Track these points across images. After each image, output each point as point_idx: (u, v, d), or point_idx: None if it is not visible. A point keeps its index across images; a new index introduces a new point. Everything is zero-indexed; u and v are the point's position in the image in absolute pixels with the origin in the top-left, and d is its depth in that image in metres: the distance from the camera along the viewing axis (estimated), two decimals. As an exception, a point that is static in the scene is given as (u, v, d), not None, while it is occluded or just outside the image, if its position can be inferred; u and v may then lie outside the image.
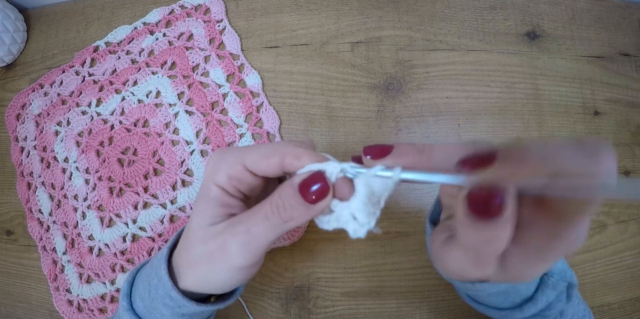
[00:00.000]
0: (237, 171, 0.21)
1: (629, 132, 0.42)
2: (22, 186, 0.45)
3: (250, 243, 0.21)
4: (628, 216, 0.41)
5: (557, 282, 0.24)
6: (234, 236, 0.21)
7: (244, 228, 0.21)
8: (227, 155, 0.22)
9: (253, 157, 0.21)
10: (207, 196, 0.22)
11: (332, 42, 0.43)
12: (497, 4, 0.44)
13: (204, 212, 0.22)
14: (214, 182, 0.22)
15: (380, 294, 0.39)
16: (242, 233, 0.21)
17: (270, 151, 0.21)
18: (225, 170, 0.21)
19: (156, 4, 0.47)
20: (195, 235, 0.22)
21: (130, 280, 0.26)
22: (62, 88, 0.46)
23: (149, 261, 0.27)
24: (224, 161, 0.22)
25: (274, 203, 0.20)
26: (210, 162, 0.22)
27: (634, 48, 0.44)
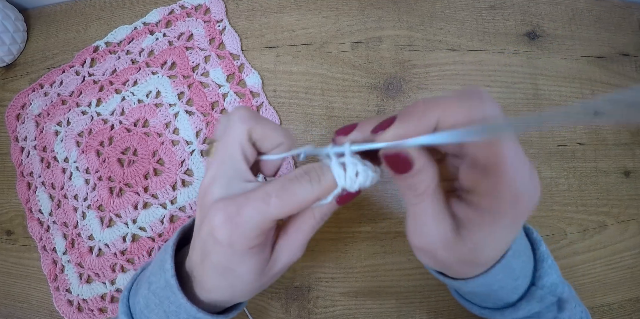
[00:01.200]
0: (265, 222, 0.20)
1: (629, 132, 0.42)
2: (22, 186, 0.45)
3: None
4: (628, 216, 0.41)
5: (545, 296, 0.24)
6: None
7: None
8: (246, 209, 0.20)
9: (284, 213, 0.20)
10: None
11: (332, 42, 0.43)
12: (497, 4, 0.44)
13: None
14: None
15: (380, 294, 0.39)
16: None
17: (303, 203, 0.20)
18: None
19: (156, 4, 0.47)
20: None
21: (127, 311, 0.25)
22: (62, 88, 0.46)
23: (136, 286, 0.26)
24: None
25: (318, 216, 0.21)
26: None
27: (634, 48, 0.44)
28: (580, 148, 0.42)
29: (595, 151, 0.42)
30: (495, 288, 0.23)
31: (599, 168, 0.41)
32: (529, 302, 0.24)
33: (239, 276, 0.21)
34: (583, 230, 0.40)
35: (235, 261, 0.21)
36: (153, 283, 0.23)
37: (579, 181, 0.41)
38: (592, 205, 0.41)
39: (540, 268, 0.24)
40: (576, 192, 0.41)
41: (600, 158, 0.42)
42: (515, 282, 0.23)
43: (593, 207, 0.41)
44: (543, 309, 0.24)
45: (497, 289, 0.23)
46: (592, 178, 0.41)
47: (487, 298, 0.24)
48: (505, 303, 0.24)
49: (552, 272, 0.24)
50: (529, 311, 0.24)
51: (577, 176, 0.41)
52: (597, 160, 0.42)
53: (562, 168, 0.41)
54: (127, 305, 0.25)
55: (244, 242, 0.20)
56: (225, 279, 0.22)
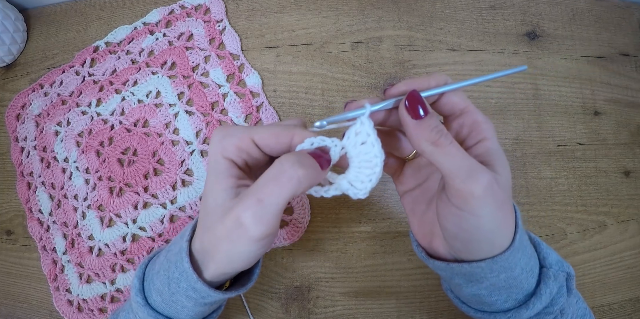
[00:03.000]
0: (246, 144, 0.22)
1: (629, 132, 0.42)
2: (22, 186, 0.45)
3: (263, 213, 0.21)
4: (628, 216, 0.41)
5: (557, 273, 0.25)
6: (246, 209, 0.21)
7: (254, 199, 0.21)
8: (234, 130, 0.23)
9: (262, 134, 0.22)
10: (217, 170, 0.23)
11: (332, 42, 0.43)
12: (497, 4, 0.44)
13: (216, 187, 0.23)
14: (223, 155, 0.22)
15: (380, 294, 0.39)
16: (253, 204, 0.21)
17: (281, 130, 0.23)
18: (234, 143, 0.22)
19: (156, 4, 0.47)
20: (213, 215, 0.23)
21: (141, 275, 0.26)
22: (62, 88, 0.46)
23: (158, 254, 0.27)
24: (231, 135, 0.23)
25: (287, 161, 0.21)
26: (215, 138, 0.23)
27: (634, 48, 0.44)
28: (580, 148, 0.42)
29: (595, 151, 0.42)
30: (517, 271, 0.23)
31: (599, 168, 0.41)
32: (547, 284, 0.24)
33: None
34: (583, 230, 0.40)
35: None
36: (171, 250, 0.25)
37: (579, 181, 0.41)
38: (592, 205, 0.41)
39: (541, 250, 0.26)
40: (576, 192, 0.41)
41: (600, 158, 0.42)
42: (530, 261, 0.24)
43: (593, 207, 0.41)
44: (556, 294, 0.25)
45: (518, 274, 0.23)
46: (592, 178, 0.41)
47: (509, 292, 0.24)
48: (526, 295, 0.25)
49: (551, 252, 0.26)
50: (549, 294, 0.24)
51: (577, 176, 0.41)
52: (597, 160, 0.42)
53: (562, 168, 0.41)
54: (143, 270, 0.27)
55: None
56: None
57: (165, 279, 0.24)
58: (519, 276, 0.24)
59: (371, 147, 0.22)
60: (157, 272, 0.25)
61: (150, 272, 0.26)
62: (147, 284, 0.26)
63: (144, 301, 0.25)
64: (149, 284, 0.26)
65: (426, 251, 0.27)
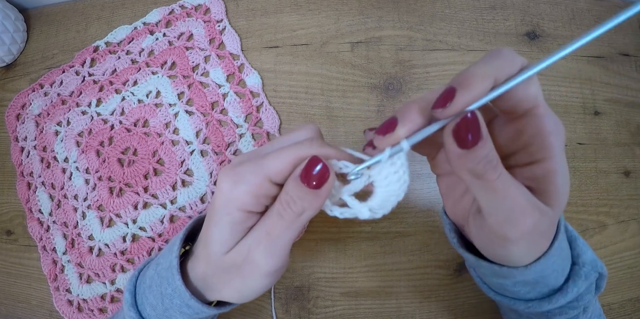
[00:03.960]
0: (262, 187, 0.20)
1: (629, 132, 0.42)
2: (22, 186, 0.45)
3: (273, 247, 0.21)
4: (628, 216, 0.41)
5: (589, 272, 0.24)
6: (257, 245, 0.20)
7: (264, 234, 0.20)
8: (244, 173, 0.20)
9: (277, 166, 0.19)
10: (226, 221, 0.21)
11: (332, 42, 0.43)
12: (497, 4, 0.44)
13: (223, 238, 0.21)
14: (236, 207, 0.20)
15: (380, 294, 0.39)
16: (263, 238, 0.20)
17: (297, 156, 0.20)
18: (248, 190, 0.20)
19: (156, 4, 0.47)
20: (218, 259, 0.22)
21: (132, 289, 0.26)
22: (62, 88, 0.46)
23: (147, 266, 0.27)
24: (242, 181, 0.20)
25: (282, 200, 0.20)
26: (225, 185, 0.20)
27: (634, 48, 0.44)
28: (580, 148, 0.42)
29: (595, 151, 0.42)
30: (549, 272, 0.22)
31: (599, 168, 0.41)
32: (576, 282, 0.23)
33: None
34: (583, 230, 0.40)
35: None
36: (160, 263, 0.24)
37: (579, 181, 0.41)
38: (592, 205, 0.41)
39: (576, 246, 0.24)
40: (576, 192, 0.41)
41: (600, 158, 0.42)
42: (564, 263, 0.23)
43: (593, 207, 0.41)
44: (583, 291, 0.24)
45: (549, 274, 0.22)
46: (592, 178, 0.41)
47: (535, 287, 0.23)
48: (551, 290, 0.24)
49: (587, 249, 0.24)
50: (576, 293, 0.23)
51: (577, 176, 0.41)
52: (597, 160, 0.42)
53: (562, 168, 0.41)
54: (134, 284, 0.26)
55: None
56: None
57: (159, 295, 0.24)
58: (549, 275, 0.23)
59: (402, 174, 0.20)
60: (149, 286, 0.24)
61: (141, 285, 0.26)
62: (139, 298, 0.25)
63: (137, 316, 0.25)
64: (141, 298, 0.25)
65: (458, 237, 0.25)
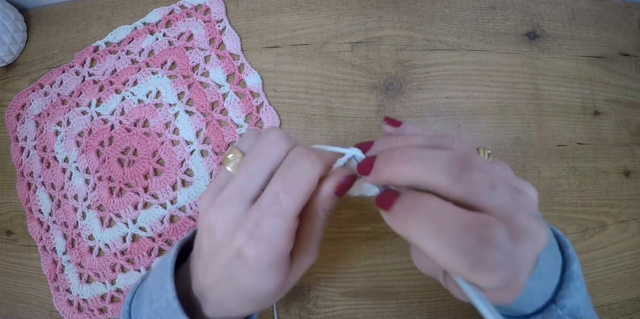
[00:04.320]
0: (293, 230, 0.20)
1: (629, 132, 0.42)
2: (22, 186, 0.45)
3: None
4: (628, 216, 0.41)
5: (563, 317, 0.22)
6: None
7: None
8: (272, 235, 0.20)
9: (297, 210, 0.20)
10: None
11: (332, 42, 0.43)
12: (497, 4, 0.44)
13: None
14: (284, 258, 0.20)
15: (380, 294, 0.38)
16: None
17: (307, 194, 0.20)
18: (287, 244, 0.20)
19: (156, 4, 0.47)
20: None
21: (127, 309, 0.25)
22: (62, 88, 0.46)
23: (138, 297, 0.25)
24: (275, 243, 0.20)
25: (320, 213, 0.21)
26: None
27: (634, 48, 0.44)
28: (580, 148, 0.42)
29: (595, 151, 0.42)
30: (514, 307, 0.22)
31: (599, 168, 0.41)
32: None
33: (266, 291, 0.21)
34: (583, 230, 0.40)
35: (263, 279, 0.20)
36: (155, 301, 0.23)
37: (579, 181, 0.41)
38: (592, 205, 0.41)
39: (566, 287, 0.23)
40: (576, 192, 0.41)
41: (600, 158, 0.42)
42: (531, 299, 0.22)
43: (593, 207, 0.41)
44: None
45: (511, 304, 0.22)
46: (592, 178, 0.41)
47: (499, 307, 0.23)
48: (518, 313, 0.23)
49: (578, 294, 0.23)
50: None
51: (577, 176, 0.41)
52: (597, 160, 0.42)
53: (562, 168, 0.41)
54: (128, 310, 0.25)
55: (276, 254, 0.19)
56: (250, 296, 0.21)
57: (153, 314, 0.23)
58: (511, 305, 0.22)
59: None
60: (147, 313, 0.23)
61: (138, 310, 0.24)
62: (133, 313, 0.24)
63: None
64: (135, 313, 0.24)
65: None
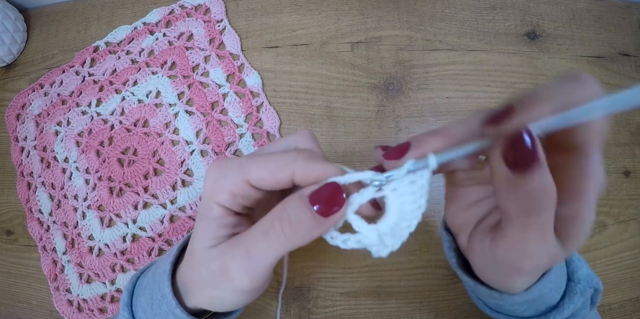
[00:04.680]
0: (240, 188, 0.20)
1: (629, 132, 0.42)
2: (22, 186, 0.45)
3: (251, 266, 0.19)
4: (628, 216, 0.41)
5: (585, 289, 0.23)
6: (234, 259, 0.19)
7: (243, 250, 0.19)
8: (227, 170, 0.20)
9: (258, 173, 0.19)
10: (208, 216, 0.20)
11: (332, 42, 0.43)
12: (497, 4, 0.44)
13: (205, 233, 0.21)
14: (215, 202, 0.20)
15: (380, 294, 0.38)
16: (241, 255, 0.19)
17: (279, 166, 0.19)
18: (227, 188, 0.20)
19: (156, 4, 0.47)
20: (198, 257, 0.21)
21: (130, 289, 0.25)
22: (62, 88, 0.46)
23: (149, 268, 0.26)
24: (224, 177, 0.20)
25: (275, 216, 0.19)
26: (209, 179, 0.20)
27: (634, 48, 0.44)
28: (580, 148, 0.42)
29: (595, 151, 0.42)
30: (546, 292, 0.22)
31: (599, 168, 0.41)
32: (572, 299, 0.23)
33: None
34: (583, 230, 0.40)
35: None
36: (159, 267, 0.24)
37: (579, 181, 0.41)
38: (592, 205, 0.41)
39: (572, 262, 0.24)
40: (576, 192, 0.41)
41: (600, 158, 0.42)
42: (561, 281, 0.23)
43: (593, 207, 0.40)
44: (579, 307, 0.24)
45: (547, 293, 0.22)
46: (592, 178, 0.41)
47: (532, 305, 0.23)
48: (548, 307, 0.24)
49: (583, 265, 0.24)
50: (572, 309, 0.23)
51: (577, 176, 0.41)
52: (597, 160, 0.41)
53: (562, 168, 0.41)
54: (134, 284, 0.26)
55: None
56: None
57: (149, 299, 0.23)
58: (547, 294, 0.23)
59: (419, 198, 0.18)
60: (144, 289, 0.24)
61: (138, 287, 0.25)
62: (135, 299, 0.25)
63: (130, 316, 0.24)
64: (136, 300, 0.25)
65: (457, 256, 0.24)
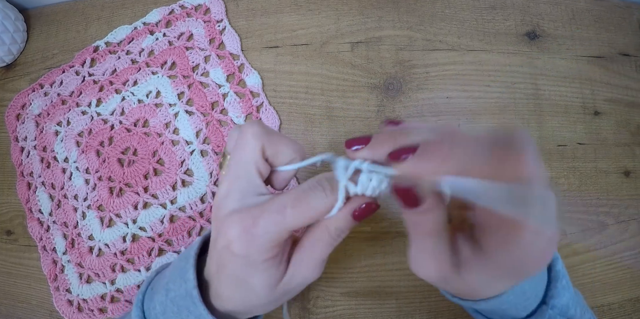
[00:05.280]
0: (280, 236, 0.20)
1: (629, 132, 0.42)
2: (22, 186, 0.45)
3: (323, 264, 0.23)
4: (628, 216, 0.41)
5: (555, 316, 0.23)
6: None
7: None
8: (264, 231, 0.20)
9: (298, 225, 0.20)
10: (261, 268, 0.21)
11: (332, 42, 0.43)
12: (497, 4, 0.44)
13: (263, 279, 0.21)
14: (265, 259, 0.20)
15: (380, 294, 0.38)
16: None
17: (313, 216, 0.20)
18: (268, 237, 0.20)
19: (156, 4, 0.47)
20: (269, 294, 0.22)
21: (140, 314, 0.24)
22: (62, 88, 0.46)
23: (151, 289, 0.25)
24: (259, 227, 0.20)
25: (333, 233, 0.21)
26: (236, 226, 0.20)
27: (634, 48, 0.44)
28: (580, 148, 0.42)
29: (595, 151, 0.42)
30: (505, 307, 0.22)
31: (599, 168, 0.41)
32: None
33: (252, 289, 0.21)
34: (583, 230, 0.40)
35: (250, 273, 0.21)
36: (172, 290, 0.23)
37: (579, 181, 0.41)
38: (592, 205, 0.41)
39: (554, 287, 0.24)
40: (576, 192, 0.41)
41: (600, 158, 0.42)
42: (525, 302, 0.23)
43: (593, 207, 0.41)
44: None
45: (506, 309, 0.23)
46: (592, 178, 0.41)
47: (494, 313, 0.24)
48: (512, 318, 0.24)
49: (565, 293, 0.24)
50: None
51: (577, 176, 0.41)
52: (597, 160, 0.42)
53: (562, 168, 0.41)
54: (142, 309, 0.25)
55: (260, 253, 0.20)
56: (239, 290, 0.22)
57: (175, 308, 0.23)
58: (507, 310, 0.23)
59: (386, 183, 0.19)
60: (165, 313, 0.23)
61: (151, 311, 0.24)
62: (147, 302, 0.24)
63: None
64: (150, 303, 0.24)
65: None
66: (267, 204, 0.20)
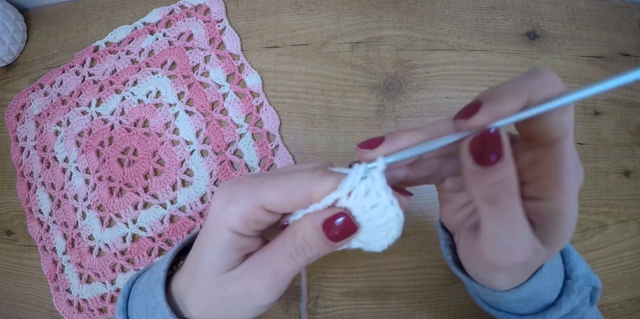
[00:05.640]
0: (253, 214, 0.19)
1: (629, 132, 0.42)
2: (22, 186, 0.45)
3: (278, 284, 0.20)
4: (628, 216, 0.41)
5: (582, 287, 0.24)
6: (261, 280, 0.20)
7: (271, 271, 0.20)
8: (238, 195, 0.19)
9: (273, 196, 0.18)
10: (218, 241, 0.20)
11: (332, 42, 0.43)
12: (497, 4, 0.44)
13: (217, 259, 0.20)
14: (226, 227, 0.19)
15: (380, 294, 0.38)
16: (269, 276, 0.20)
17: (294, 187, 0.18)
18: (239, 213, 0.19)
19: (156, 4, 0.47)
20: (210, 281, 0.21)
21: (126, 294, 0.25)
22: (62, 88, 0.46)
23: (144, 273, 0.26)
24: (234, 202, 0.19)
25: (297, 245, 0.19)
26: (217, 202, 0.19)
27: (634, 48, 0.44)
28: (580, 148, 0.42)
29: (595, 151, 0.42)
30: (541, 289, 0.22)
31: (599, 168, 0.41)
32: (569, 297, 0.23)
33: (202, 256, 0.21)
34: (583, 230, 0.40)
35: (208, 239, 0.20)
36: (153, 273, 0.24)
37: (579, 181, 0.41)
38: (592, 205, 0.41)
39: (569, 260, 0.24)
40: (576, 192, 0.41)
41: (600, 158, 0.42)
42: (556, 279, 0.23)
43: (593, 207, 0.41)
44: (578, 305, 0.24)
45: (542, 291, 0.22)
46: (592, 178, 0.41)
47: (529, 302, 0.23)
48: (545, 305, 0.24)
49: (581, 263, 0.24)
50: (570, 307, 0.23)
51: (577, 176, 0.41)
52: (597, 160, 0.41)
53: (562, 168, 0.41)
54: (129, 289, 0.25)
55: (225, 222, 0.19)
56: (192, 259, 0.22)
57: (144, 305, 0.23)
58: (542, 292, 0.23)
59: (383, 210, 0.18)
60: (139, 294, 0.24)
61: (134, 292, 0.25)
62: (131, 304, 0.25)
63: None
64: (131, 305, 0.25)
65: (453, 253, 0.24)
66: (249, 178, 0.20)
